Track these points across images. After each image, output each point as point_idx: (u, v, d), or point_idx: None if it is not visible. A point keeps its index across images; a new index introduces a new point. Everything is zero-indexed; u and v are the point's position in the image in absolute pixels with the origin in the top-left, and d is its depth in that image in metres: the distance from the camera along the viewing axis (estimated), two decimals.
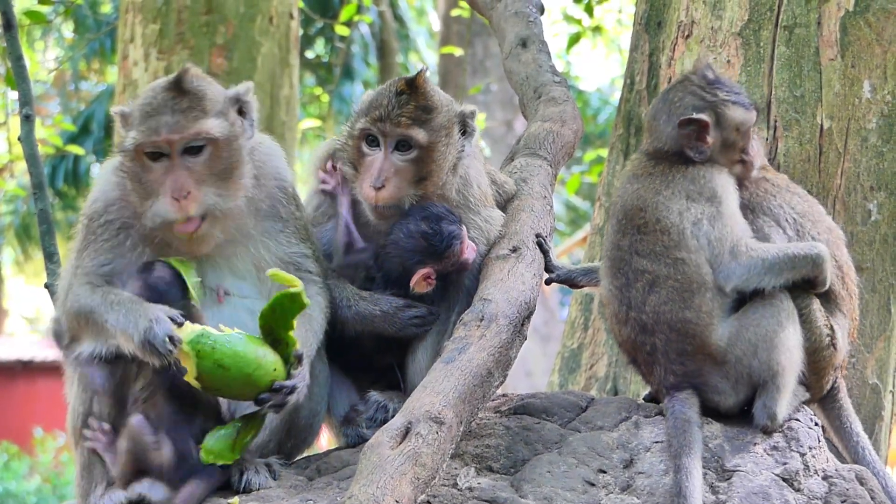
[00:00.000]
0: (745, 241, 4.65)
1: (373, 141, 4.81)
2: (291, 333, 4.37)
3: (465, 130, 4.92)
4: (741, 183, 4.87)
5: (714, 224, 4.64)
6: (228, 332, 4.31)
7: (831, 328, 4.80)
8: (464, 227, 4.85)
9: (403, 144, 4.78)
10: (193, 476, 4.41)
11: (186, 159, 4.54)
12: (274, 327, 4.37)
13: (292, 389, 4.36)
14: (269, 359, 4.35)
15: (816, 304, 4.76)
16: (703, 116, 4.78)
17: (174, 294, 4.49)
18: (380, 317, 4.83)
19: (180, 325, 4.28)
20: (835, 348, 4.80)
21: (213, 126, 4.55)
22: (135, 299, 4.40)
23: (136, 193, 4.59)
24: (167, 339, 4.24)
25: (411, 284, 4.82)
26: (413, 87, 4.79)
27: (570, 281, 5.21)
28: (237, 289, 4.71)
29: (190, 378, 4.28)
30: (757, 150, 4.95)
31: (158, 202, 4.53)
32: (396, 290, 4.86)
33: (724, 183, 4.76)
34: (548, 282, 5.09)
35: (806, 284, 4.74)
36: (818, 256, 4.69)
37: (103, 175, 4.78)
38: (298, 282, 4.35)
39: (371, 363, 4.98)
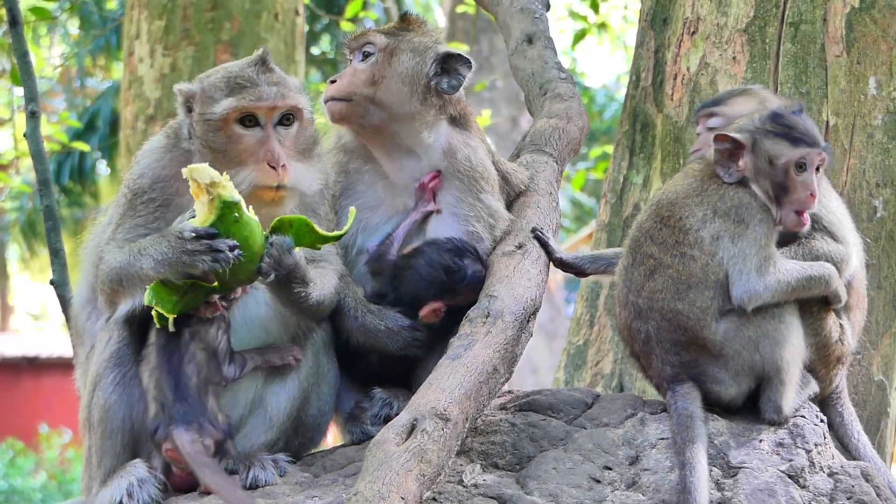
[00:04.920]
0: (773, 260, 4.57)
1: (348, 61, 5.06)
2: None
3: (445, 69, 4.99)
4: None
5: (736, 241, 4.57)
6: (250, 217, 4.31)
7: (840, 325, 4.80)
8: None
9: (366, 53, 4.97)
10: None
11: (278, 130, 4.60)
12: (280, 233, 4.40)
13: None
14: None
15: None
16: (740, 136, 4.64)
17: None
18: (384, 332, 4.82)
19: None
20: (842, 342, 4.81)
21: (303, 102, 4.67)
22: (155, 237, 4.37)
23: (216, 163, 4.42)
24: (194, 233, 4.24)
25: (420, 315, 4.81)
26: (406, 17, 5.07)
27: (576, 268, 5.19)
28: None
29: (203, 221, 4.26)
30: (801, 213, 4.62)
31: (248, 169, 4.52)
32: (404, 310, 4.86)
33: (758, 213, 4.62)
34: (556, 264, 5.07)
35: (823, 301, 4.72)
36: (829, 275, 4.66)
37: (152, 151, 4.72)
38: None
39: (378, 374, 4.96)
